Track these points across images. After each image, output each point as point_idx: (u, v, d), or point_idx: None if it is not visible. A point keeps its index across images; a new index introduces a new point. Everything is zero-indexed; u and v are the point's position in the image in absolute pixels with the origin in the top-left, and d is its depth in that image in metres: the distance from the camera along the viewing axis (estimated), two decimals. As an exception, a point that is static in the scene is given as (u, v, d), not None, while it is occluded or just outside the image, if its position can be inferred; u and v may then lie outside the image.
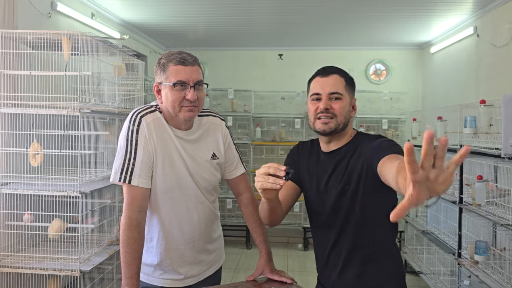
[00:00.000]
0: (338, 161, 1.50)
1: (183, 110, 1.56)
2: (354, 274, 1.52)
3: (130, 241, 1.52)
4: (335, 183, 1.49)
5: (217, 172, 1.73)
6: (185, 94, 1.54)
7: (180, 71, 1.53)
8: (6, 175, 2.58)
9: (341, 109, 1.45)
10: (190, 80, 1.54)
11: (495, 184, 2.93)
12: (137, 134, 1.56)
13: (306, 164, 1.61)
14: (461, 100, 4.08)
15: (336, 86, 1.46)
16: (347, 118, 1.48)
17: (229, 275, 4.33)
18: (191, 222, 1.68)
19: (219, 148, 1.73)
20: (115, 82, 3.06)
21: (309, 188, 1.58)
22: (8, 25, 2.62)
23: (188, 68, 1.54)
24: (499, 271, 2.73)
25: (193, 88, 1.54)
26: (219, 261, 1.85)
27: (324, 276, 1.62)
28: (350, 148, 1.49)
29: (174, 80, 1.53)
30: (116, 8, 4.15)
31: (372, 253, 1.50)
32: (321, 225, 1.57)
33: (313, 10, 4.16)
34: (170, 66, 1.55)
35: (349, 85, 1.50)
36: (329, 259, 1.56)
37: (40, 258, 2.57)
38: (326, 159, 1.54)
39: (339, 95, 1.46)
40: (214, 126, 1.74)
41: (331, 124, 1.45)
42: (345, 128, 1.49)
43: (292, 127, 5.71)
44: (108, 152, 2.95)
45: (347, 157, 1.48)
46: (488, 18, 3.96)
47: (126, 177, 1.54)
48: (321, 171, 1.54)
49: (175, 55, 1.56)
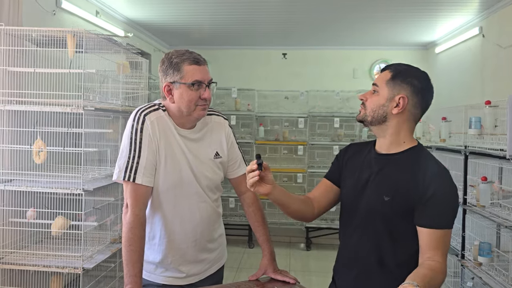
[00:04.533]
0: (386, 166, 1.47)
1: (197, 109, 1.59)
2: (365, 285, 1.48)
3: (137, 239, 1.52)
4: (374, 188, 1.46)
5: (219, 171, 1.74)
6: (200, 93, 1.57)
7: (196, 70, 1.56)
8: (10, 172, 2.58)
9: (371, 103, 1.48)
10: (206, 80, 1.58)
11: (500, 185, 2.91)
12: (141, 133, 1.57)
13: (351, 161, 1.58)
14: (466, 101, 4.05)
15: (379, 79, 1.50)
16: (379, 112, 1.46)
17: (231, 274, 4.32)
18: (193, 220, 1.68)
19: (222, 147, 1.73)
20: (119, 80, 3.06)
21: (348, 184, 1.55)
22: (13, 22, 2.63)
23: (202, 67, 1.58)
24: (503, 273, 2.71)
25: (208, 87, 1.58)
26: (221, 259, 1.85)
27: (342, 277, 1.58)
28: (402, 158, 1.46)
29: (192, 80, 1.56)
30: (121, 6, 4.15)
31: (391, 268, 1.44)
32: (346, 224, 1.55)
33: (318, 10, 4.14)
34: (185, 66, 1.56)
35: (396, 79, 1.45)
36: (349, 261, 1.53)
37: (43, 255, 2.57)
38: (375, 160, 1.50)
39: (376, 86, 1.49)
40: (218, 125, 1.75)
41: (361, 114, 1.51)
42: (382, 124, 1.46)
43: (295, 127, 5.69)
44: (111, 150, 2.95)
45: (397, 167, 1.45)
46: (494, 19, 3.93)
47: (130, 176, 1.54)
48: (366, 171, 1.51)
49: (186, 54, 1.58)
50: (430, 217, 1.36)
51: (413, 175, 1.41)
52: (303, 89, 5.73)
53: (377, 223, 1.44)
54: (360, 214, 1.48)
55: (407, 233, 1.41)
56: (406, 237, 1.42)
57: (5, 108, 2.53)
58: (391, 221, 1.42)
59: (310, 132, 5.67)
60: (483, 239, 3.00)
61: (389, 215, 1.41)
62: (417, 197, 1.37)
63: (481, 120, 2.95)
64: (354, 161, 1.56)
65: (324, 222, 5.29)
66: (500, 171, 2.99)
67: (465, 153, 3.20)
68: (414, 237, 1.40)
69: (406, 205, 1.39)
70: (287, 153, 5.82)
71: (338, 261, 1.60)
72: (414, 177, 1.40)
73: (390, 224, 1.42)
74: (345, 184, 1.56)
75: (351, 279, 1.51)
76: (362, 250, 1.47)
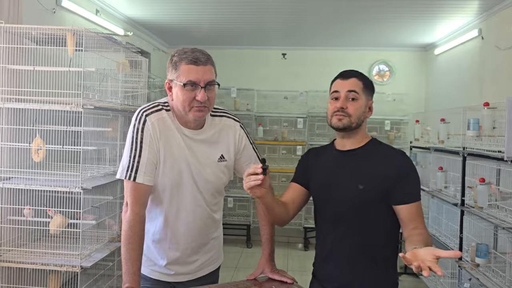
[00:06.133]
0: (352, 160, 1.61)
1: (192, 110, 1.55)
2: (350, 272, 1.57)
3: (137, 238, 1.53)
4: (346, 180, 1.58)
5: (223, 175, 1.71)
6: (195, 94, 1.52)
7: (191, 70, 1.52)
8: (9, 170, 2.58)
9: (356, 110, 1.57)
10: (201, 81, 1.52)
11: (498, 187, 2.92)
12: (142, 133, 1.57)
13: (315, 162, 1.68)
14: (464, 102, 4.07)
15: (354, 87, 1.59)
16: (361, 118, 1.60)
17: (229, 274, 4.33)
18: (187, 223, 1.67)
19: (229, 150, 1.70)
20: (118, 79, 3.06)
21: (316, 182, 1.65)
22: (13, 20, 2.62)
23: (200, 68, 1.52)
24: (500, 274, 2.72)
25: (204, 88, 1.52)
26: (215, 262, 1.83)
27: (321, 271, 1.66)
28: (365, 151, 1.61)
29: (185, 80, 1.52)
30: (121, 5, 4.15)
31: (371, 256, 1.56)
32: (324, 219, 1.64)
33: (318, 10, 4.15)
34: (182, 65, 1.53)
35: (367, 88, 1.62)
36: (330, 255, 1.61)
37: (41, 254, 2.57)
38: (340, 156, 1.64)
39: (356, 94, 1.58)
40: (227, 127, 1.71)
41: (344, 121, 1.57)
42: (359, 127, 1.60)
43: (294, 127, 5.70)
44: (110, 148, 2.96)
45: (363, 159, 1.59)
46: (493, 21, 3.94)
47: (131, 175, 1.55)
48: (332, 167, 1.63)
49: (188, 53, 1.54)
50: (406, 195, 1.52)
51: (378, 162, 1.57)
52: (303, 90, 5.74)
53: (354, 211, 1.55)
54: (336, 206, 1.58)
55: (381, 214, 1.55)
56: (380, 219, 1.56)
57: (4, 106, 2.52)
58: (367, 207, 1.54)
59: (309, 132, 5.68)
60: (480, 241, 3.01)
61: (365, 201, 1.54)
62: (388, 179, 1.53)
63: (480, 122, 2.96)
64: (319, 162, 1.68)
65: (322, 223, 5.29)
66: (498, 173, 3.00)
67: (463, 155, 3.21)
68: (386, 217, 1.56)
69: (379, 188, 1.53)
70: (286, 153, 5.83)
71: (319, 256, 1.67)
72: (380, 163, 1.56)
73: (366, 210, 1.54)
74: (315, 184, 1.66)
75: (334, 270, 1.59)
76: (344, 239, 1.57)
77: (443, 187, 3.66)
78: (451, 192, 3.53)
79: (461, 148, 3.23)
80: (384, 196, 1.53)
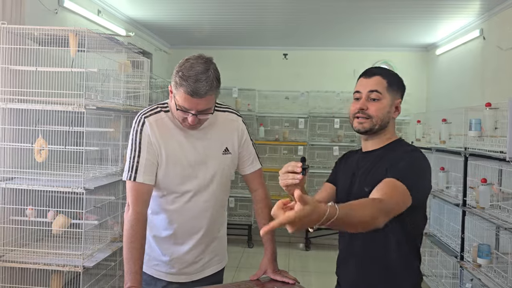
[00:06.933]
0: (367, 161, 1.52)
1: (184, 124, 1.59)
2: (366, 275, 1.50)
3: (138, 237, 1.54)
4: (357, 183, 1.52)
5: (228, 169, 1.73)
6: (187, 115, 1.54)
7: (187, 100, 1.51)
8: (11, 170, 2.59)
9: (378, 111, 1.47)
10: (194, 110, 1.53)
11: (499, 187, 2.92)
12: (140, 134, 1.61)
13: (341, 166, 1.65)
14: (466, 103, 4.06)
15: (376, 86, 1.49)
16: (385, 119, 1.49)
17: (230, 274, 4.33)
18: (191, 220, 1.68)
19: (233, 143, 1.72)
20: (120, 79, 3.07)
21: (338, 186, 1.61)
22: (15, 20, 2.63)
23: (196, 100, 1.50)
24: (502, 275, 2.72)
25: (196, 115, 1.53)
26: (220, 262, 1.84)
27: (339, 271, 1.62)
28: (382, 153, 1.51)
29: (179, 104, 1.53)
30: (123, 5, 4.16)
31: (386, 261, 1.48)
32: None
33: (319, 11, 4.15)
34: (180, 89, 1.50)
35: (393, 86, 1.51)
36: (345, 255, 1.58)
37: (44, 254, 2.58)
38: (360, 158, 1.56)
39: (378, 93, 1.47)
40: (230, 122, 1.74)
41: (365, 124, 1.48)
42: (384, 129, 1.51)
43: (295, 127, 5.70)
44: (112, 148, 2.96)
45: (375, 161, 1.50)
46: (495, 21, 3.94)
47: (131, 175, 1.58)
48: (352, 170, 1.57)
49: (189, 81, 1.48)
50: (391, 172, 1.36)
51: (385, 159, 1.45)
52: (304, 90, 5.74)
53: None
54: None
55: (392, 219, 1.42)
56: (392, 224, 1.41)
57: (7, 106, 2.53)
58: None
59: (310, 132, 5.68)
60: (482, 241, 3.01)
61: None
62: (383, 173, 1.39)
63: (481, 122, 2.96)
64: (346, 165, 1.63)
65: (324, 223, 5.29)
66: (499, 173, 3.00)
67: (465, 155, 3.21)
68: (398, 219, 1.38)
69: None
70: (287, 153, 5.83)
71: (338, 257, 1.63)
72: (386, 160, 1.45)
73: None
74: (337, 187, 1.62)
75: (350, 273, 1.55)
76: (355, 243, 1.52)
77: (445, 187, 3.66)
78: (452, 193, 3.53)
79: (463, 149, 3.23)
80: None
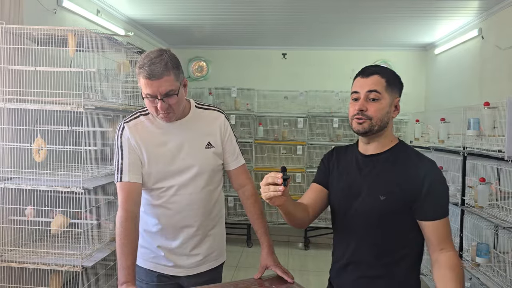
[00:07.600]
0: (374, 166, 1.48)
1: (159, 116, 1.65)
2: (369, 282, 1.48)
3: (127, 233, 1.58)
4: (367, 189, 1.46)
5: (213, 161, 1.76)
6: (156, 103, 1.60)
7: (147, 85, 1.57)
8: (10, 170, 2.59)
9: (377, 111, 1.44)
10: (157, 93, 1.58)
11: (498, 186, 2.93)
12: (121, 138, 1.71)
13: (336, 165, 1.58)
14: (464, 102, 4.07)
15: (375, 86, 1.45)
16: (385, 119, 1.46)
17: (229, 273, 4.33)
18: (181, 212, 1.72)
19: (215, 138, 1.77)
20: (119, 79, 3.07)
21: (336, 189, 1.55)
22: (14, 20, 2.63)
23: (155, 82, 1.56)
24: (501, 274, 2.73)
25: (162, 100, 1.58)
26: (217, 258, 1.85)
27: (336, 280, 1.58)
28: (390, 157, 1.48)
29: (144, 94, 1.60)
30: (121, 5, 4.16)
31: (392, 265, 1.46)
32: (342, 227, 1.54)
33: (318, 10, 4.15)
34: (140, 78, 1.59)
35: (392, 85, 1.47)
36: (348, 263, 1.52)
37: (43, 253, 2.58)
38: (362, 162, 1.51)
39: (377, 93, 1.44)
40: (213, 119, 1.79)
41: (365, 125, 1.44)
42: (384, 129, 1.48)
43: (294, 127, 5.71)
44: (111, 148, 2.96)
45: (387, 165, 1.47)
46: (493, 20, 3.95)
47: (118, 177, 1.66)
48: (353, 173, 1.52)
49: (145, 67, 1.56)
50: (433, 210, 1.40)
51: (404, 170, 1.44)
52: (303, 89, 5.74)
53: (374, 222, 1.45)
54: (355, 216, 1.48)
55: (403, 227, 1.44)
56: (402, 232, 1.45)
57: (5, 106, 2.53)
58: (388, 219, 1.43)
59: (309, 132, 5.68)
60: (481, 240, 3.02)
61: (386, 213, 1.43)
62: (414, 192, 1.41)
63: (480, 122, 2.96)
64: (340, 165, 1.58)
65: (322, 222, 5.30)
66: (498, 172, 3.01)
67: (464, 154, 3.22)
68: (409, 230, 1.44)
69: (402, 201, 1.42)
70: (286, 152, 5.83)
71: (336, 264, 1.59)
72: (406, 173, 1.43)
73: (387, 222, 1.44)
74: (333, 188, 1.57)
75: (352, 281, 1.50)
76: (362, 251, 1.48)
77: (444, 186, 3.66)
78: (451, 192, 3.54)
79: (461, 148, 3.24)
80: (408, 208, 1.42)
